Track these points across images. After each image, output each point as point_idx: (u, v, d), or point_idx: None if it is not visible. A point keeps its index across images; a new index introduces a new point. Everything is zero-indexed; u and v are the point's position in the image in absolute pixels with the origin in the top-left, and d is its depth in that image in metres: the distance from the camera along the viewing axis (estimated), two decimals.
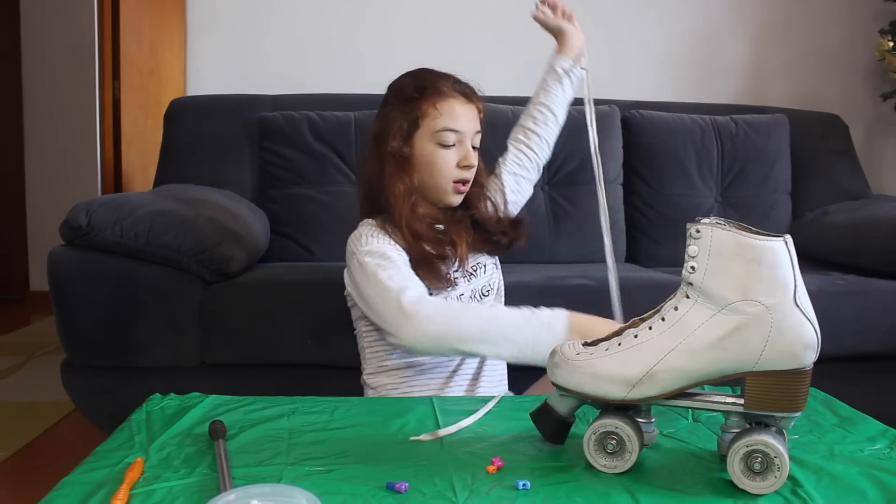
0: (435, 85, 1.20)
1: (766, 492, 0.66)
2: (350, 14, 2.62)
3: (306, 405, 0.91)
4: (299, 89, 2.39)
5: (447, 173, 1.20)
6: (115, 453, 0.75)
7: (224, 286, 1.56)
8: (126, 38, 2.75)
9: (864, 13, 2.82)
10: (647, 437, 0.76)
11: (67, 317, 1.51)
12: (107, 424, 1.42)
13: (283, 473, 0.70)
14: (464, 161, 1.20)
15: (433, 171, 1.20)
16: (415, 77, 1.24)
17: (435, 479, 0.69)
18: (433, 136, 1.19)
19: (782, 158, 2.31)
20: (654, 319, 0.72)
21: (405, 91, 1.21)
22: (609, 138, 2.21)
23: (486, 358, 1.14)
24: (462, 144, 1.20)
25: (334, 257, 2.04)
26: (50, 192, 3.73)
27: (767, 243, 0.67)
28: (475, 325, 1.03)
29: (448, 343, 1.02)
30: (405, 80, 1.24)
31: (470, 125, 1.21)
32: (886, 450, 0.79)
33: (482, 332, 1.02)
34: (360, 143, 2.10)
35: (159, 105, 2.41)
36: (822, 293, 1.60)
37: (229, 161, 2.14)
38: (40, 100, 3.80)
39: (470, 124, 1.21)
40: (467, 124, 1.20)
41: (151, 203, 1.58)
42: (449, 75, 1.24)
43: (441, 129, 1.18)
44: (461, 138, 1.20)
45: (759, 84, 2.80)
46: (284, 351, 1.56)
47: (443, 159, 1.19)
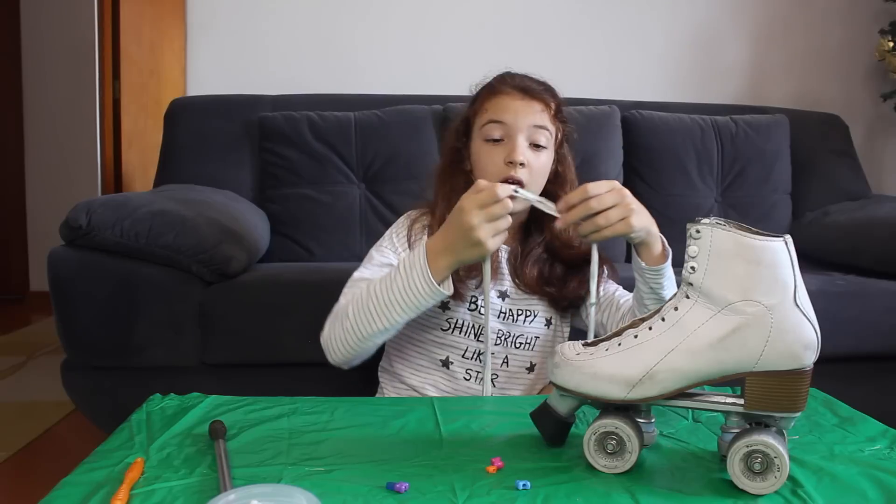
0: (492, 83, 1.16)
1: (766, 492, 0.66)
2: (350, 14, 2.62)
3: (306, 405, 0.91)
4: (299, 89, 2.39)
5: (492, 170, 1.10)
6: (115, 453, 0.75)
7: (224, 286, 1.56)
8: (126, 38, 2.75)
9: (864, 13, 2.82)
10: (647, 438, 0.76)
11: (67, 317, 1.51)
12: (107, 424, 1.42)
13: (284, 473, 0.70)
14: (509, 156, 1.09)
15: (480, 168, 1.14)
16: (491, 78, 1.20)
17: (435, 479, 0.69)
18: (481, 132, 1.14)
19: (782, 159, 2.31)
20: (654, 319, 0.72)
21: (474, 93, 1.20)
22: (609, 138, 2.21)
23: (392, 329, 1.03)
24: (510, 139, 1.11)
25: (334, 257, 2.04)
26: (50, 192, 3.73)
27: (767, 243, 0.67)
28: (359, 311, 1.01)
29: (353, 344, 1.03)
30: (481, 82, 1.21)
31: (521, 119, 1.11)
32: (886, 450, 0.79)
33: (367, 311, 1.00)
34: (360, 143, 2.10)
35: (159, 105, 2.41)
36: (822, 293, 1.60)
37: (229, 161, 2.14)
38: (40, 100, 3.80)
39: (522, 118, 1.11)
40: (517, 118, 1.11)
41: (151, 203, 1.58)
42: (519, 75, 1.17)
43: (486, 123, 1.13)
44: (508, 132, 1.11)
45: (759, 84, 2.80)
46: (284, 351, 1.56)
47: (488, 155, 1.12)
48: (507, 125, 1.11)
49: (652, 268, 1.02)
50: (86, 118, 3.47)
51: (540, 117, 1.12)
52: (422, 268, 0.97)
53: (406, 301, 0.98)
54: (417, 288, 0.97)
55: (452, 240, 0.96)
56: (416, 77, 2.57)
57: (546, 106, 1.13)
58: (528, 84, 1.14)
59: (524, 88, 1.13)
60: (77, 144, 3.64)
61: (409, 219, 1.22)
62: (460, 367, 1.15)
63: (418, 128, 2.15)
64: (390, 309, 0.99)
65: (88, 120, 3.43)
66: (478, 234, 0.92)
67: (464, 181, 1.15)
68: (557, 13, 2.69)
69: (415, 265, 0.98)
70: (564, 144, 1.20)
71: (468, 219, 0.92)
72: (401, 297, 0.98)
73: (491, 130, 1.12)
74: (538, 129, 1.12)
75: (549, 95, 1.15)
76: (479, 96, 1.17)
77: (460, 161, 1.19)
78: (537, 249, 1.18)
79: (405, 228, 1.20)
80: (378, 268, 1.13)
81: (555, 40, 2.69)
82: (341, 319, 1.04)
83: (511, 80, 1.15)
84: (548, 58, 2.61)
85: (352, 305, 1.03)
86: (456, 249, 0.96)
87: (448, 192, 1.15)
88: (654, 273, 1.02)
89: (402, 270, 0.99)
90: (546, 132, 1.13)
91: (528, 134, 1.11)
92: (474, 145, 1.16)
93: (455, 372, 1.15)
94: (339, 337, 1.04)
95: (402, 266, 0.99)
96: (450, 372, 1.15)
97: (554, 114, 1.15)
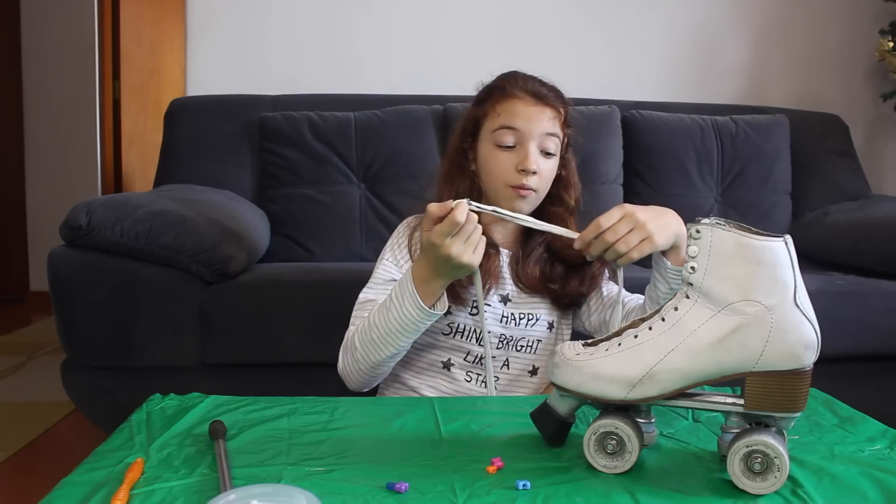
0: (502, 85, 1.14)
1: (766, 492, 0.66)
2: (350, 14, 2.62)
3: (306, 405, 0.91)
4: (299, 89, 2.39)
5: (503, 177, 1.11)
6: (115, 453, 0.75)
7: (224, 286, 1.56)
8: (126, 38, 2.75)
9: (864, 13, 2.82)
10: (647, 438, 0.76)
11: (67, 317, 1.51)
12: (107, 424, 1.42)
13: (284, 473, 0.70)
14: (521, 164, 1.09)
15: (489, 173, 1.13)
16: (495, 78, 1.18)
17: (435, 479, 0.69)
18: (491, 137, 1.13)
19: (782, 158, 2.31)
20: (654, 320, 0.72)
21: (480, 92, 1.18)
22: (609, 138, 2.21)
23: (401, 352, 1.07)
24: (522, 146, 1.10)
25: (334, 257, 2.04)
26: (50, 192, 3.73)
27: (767, 243, 0.67)
28: (365, 342, 1.04)
29: (367, 371, 1.06)
30: (489, 81, 1.20)
31: (534, 126, 1.10)
32: (886, 450, 0.79)
33: (371, 342, 1.03)
34: (360, 143, 2.10)
35: (159, 105, 2.41)
36: (822, 293, 1.60)
37: (229, 161, 2.15)
38: (40, 100, 3.80)
39: (535, 125, 1.10)
40: (530, 125, 1.10)
41: (151, 203, 1.58)
42: (528, 77, 1.15)
43: (498, 128, 1.11)
44: (521, 139, 1.10)
45: (759, 84, 2.80)
46: (284, 351, 1.56)
47: (497, 161, 1.11)
48: (519, 132, 1.11)
49: (675, 268, 1.02)
50: (86, 118, 3.47)
51: (551, 125, 1.12)
52: (411, 295, 0.99)
53: (404, 327, 1.01)
54: (411, 315, 1.00)
55: (437, 267, 0.97)
56: (416, 77, 2.57)
57: (557, 113, 1.13)
58: (541, 90, 1.13)
59: (537, 94, 1.12)
60: (77, 144, 3.64)
61: (408, 227, 1.20)
62: (461, 370, 1.15)
63: (418, 128, 2.15)
64: (392, 336, 1.02)
65: (88, 120, 3.43)
66: (459, 259, 0.94)
67: (469, 183, 1.15)
68: (558, 13, 2.69)
69: (405, 294, 1.00)
70: (569, 149, 1.20)
71: (443, 251, 0.94)
72: (398, 325, 1.01)
73: (503, 136, 1.11)
74: (549, 136, 1.12)
75: (560, 102, 1.14)
76: (490, 97, 1.15)
77: (465, 162, 1.17)
78: (538, 249, 1.18)
79: (405, 238, 1.19)
80: (382, 286, 1.14)
81: (555, 40, 2.69)
82: (351, 351, 1.07)
83: (523, 83, 1.14)
84: (548, 58, 2.61)
85: (357, 336, 1.06)
86: (442, 272, 0.98)
87: (453, 196, 1.14)
88: (676, 273, 1.02)
89: (394, 299, 1.01)
90: (556, 139, 1.13)
91: (540, 141, 1.11)
92: (482, 147, 1.15)
93: (456, 374, 1.15)
94: (353, 368, 1.07)
95: (395, 294, 1.02)
96: (451, 374, 1.15)
97: (563, 121, 1.15)
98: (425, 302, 0.99)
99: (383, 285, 1.13)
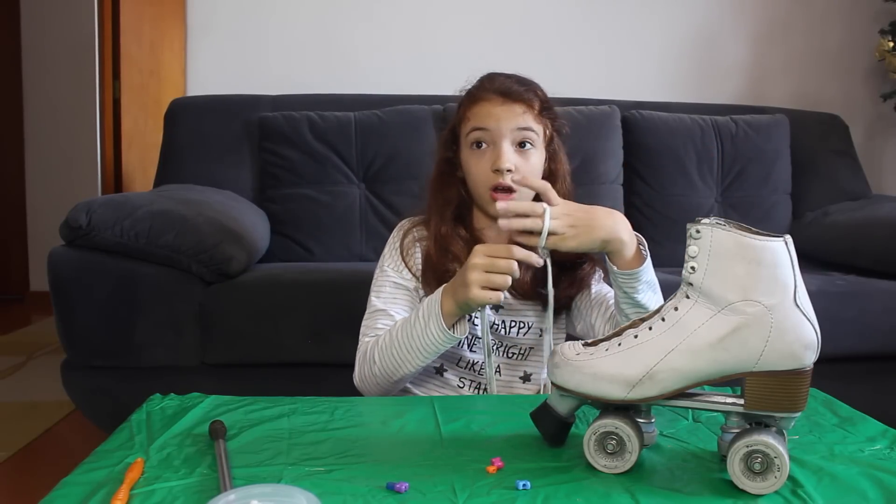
0: (472, 89, 1.14)
1: (766, 492, 0.66)
2: (350, 14, 2.62)
3: (306, 405, 0.91)
4: (299, 89, 2.39)
5: (482, 180, 1.09)
6: (115, 453, 0.75)
7: (224, 286, 1.56)
8: (126, 38, 2.75)
9: (864, 13, 2.82)
10: (647, 437, 0.76)
11: (67, 317, 1.51)
12: (107, 424, 1.42)
13: (284, 473, 0.70)
14: (495, 164, 1.07)
15: (470, 179, 1.13)
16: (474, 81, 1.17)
17: (435, 479, 0.69)
18: (466, 140, 1.12)
19: (782, 158, 2.32)
20: (654, 319, 0.72)
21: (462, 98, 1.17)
22: (609, 138, 2.21)
23: (418, 370, 1.06)
24: (495, 145, 1.09)
25: (334, 257, 2.04)
26: (50, 192, 3.73)
27: (767, 243, 0.67)
28: (384, 357, 1.05)
29: (385, 385, 1.07)
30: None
31: (503, 124, 1.08)
32: (886, 450, 0.79)
33: (392, 357, 1.04)
34: (360, 143, 2.10)
35: (159, 105, 2.41)
36: (822, 293, 1.60)
37: (229, 161, 2.15)
38: (40, 100, 3.80)
39: (503, 123, 1.08)
40: (499, 123, 1.08)
41: (151, 203, 1.58)
42: (498, 77, 1.14)
43: (470, 131, 1.11)
44: (493, 138, 1.09)
45: (759, 84, 2.80)
46: (284, 351, 1.56)
47: (476, 164, 1.10)
48: (490, 131, 1.09)
49: (623, 272, 1.00)
50: (86, 118, 3.47)
51: (523, 119, 1.09)
52: (436, 316, 1.00)
53: (426, 349, 1.02)
54: (434, 335, 1.01)
55: (455, 281, 1.00)
56: (416, 77, 2.57)
57: (528, 106, 1.10)
58: (509, 86, 1.11)
59: (504, 92, 1.10)
60: (77, 144, 3.64)
61: (400, 230, 1.20)
62: (454, 376, 1.15)
63: (418, 128, 2.15)
64: (413, 355, 1.03)
65: (88, 120, 3.43)
66: (469, 274, 0.95)
67: (457, 191, 1.15)
68: (557, 13, 2.70)
69: (431, 315, 1.01)
70: (555, 139, 1.17)
71: (473, 259, 0.96)
72: (420, 345, 1.02)
73: (475, 138, 1.10)
74: (523, 130, 1.10)
75: (531, 94, 1.11)
76: (462, 103, 1.15)
77: (452, 170, 1.17)
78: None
79: (399, 242, 1.18)
80: (390, 293, 1.14)
81: (555, 40, 2.69)
82: (369, 364, 1.07)
83: (490, 83, 1.12)
84: (548, 58, 2.61)
85: (377, 351, 1.06)
86: (454, 288, 1.00)
87: (441, 204, 1.15)
88: (626, 277, 1.00)
89: (420, 318, 1.02)
90: (531, 132, 1.10)
91: (513, 137, 1.09)
92: (463, 154, 1.15)
93: (449, 379, 1.15)
94: (371, 381, 1.08)
95: (421, 313, 1.03)
96: (444, 379, 1.16)
97: (538, 112, 1.12)
98: (446, 322, 1.00)
99: (391, 292, 1.14)
